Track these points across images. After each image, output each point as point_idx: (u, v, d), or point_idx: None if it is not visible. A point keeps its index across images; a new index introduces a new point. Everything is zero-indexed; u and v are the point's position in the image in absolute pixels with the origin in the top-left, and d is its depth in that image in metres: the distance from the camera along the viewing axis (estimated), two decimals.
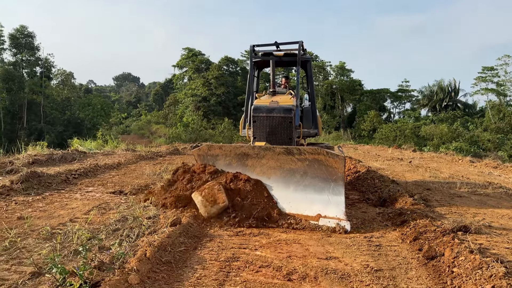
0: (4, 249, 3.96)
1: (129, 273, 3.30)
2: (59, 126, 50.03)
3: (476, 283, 3.23)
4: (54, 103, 52.48)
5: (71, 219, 5.13)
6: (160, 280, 3.45)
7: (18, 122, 48.51)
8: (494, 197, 7.39)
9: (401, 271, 3.79)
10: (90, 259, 3.49)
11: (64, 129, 50.30)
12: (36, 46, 50.58)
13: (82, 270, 3.12)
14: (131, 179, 8.35)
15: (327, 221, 5.12)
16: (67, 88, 57.23)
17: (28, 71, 51.21)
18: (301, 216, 5.28)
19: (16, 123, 48.38)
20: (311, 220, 5.20)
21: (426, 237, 4.49)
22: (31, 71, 51.05)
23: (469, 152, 29.08)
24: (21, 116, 48.43)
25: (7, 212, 5.39)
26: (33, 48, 50.50)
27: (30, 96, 48.24)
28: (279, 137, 6.48)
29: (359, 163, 11.98)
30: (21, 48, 50.01)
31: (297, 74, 7.36)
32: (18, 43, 49.10)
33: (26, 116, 48.10)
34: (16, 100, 47.06)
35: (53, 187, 7.17)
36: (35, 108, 48.89)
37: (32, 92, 48.32)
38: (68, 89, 57.28)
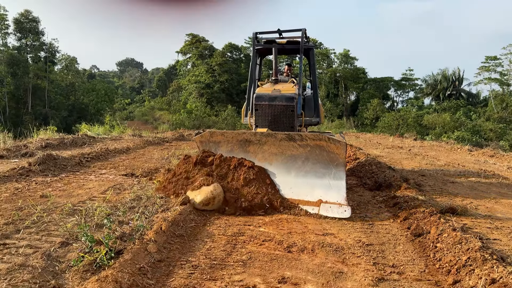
0: (33, 222, 4.40)
1: (147, 243, 3.73)
2: (63, 111, 50.22)
3: (455, 255, 3.65)
4: (58, 88, 52.61)
5: (90, 197, 5.59)
6: (174, 250, 3.88)
7: (23, 106, 48.66)
8: (485, 183, 7.79)
9: (389, 245, 4.22)
10: (113, 231, 3.92)
11: (68, 114, 50.53)
12: (41, 30, 50.60)
13: (107, 239, 3.55)
14: (141, 163, 8.80)
15: (328, 206, 5.19)
16: (72, 73, 57.34)
17: (33, 55, 51.28)
18: (302, 202, 5.36)
19: (21, 107, 48.53)
20: (313, 205, 5.27)
21: (415, 217, 4.91)
22: (36, 56, 51.13)
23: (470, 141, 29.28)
24: (25, 100, 48.56)
25: (30, 191, 5.84)
26: (38, 33, 50.49)
27: (35, 81, 48.41)
28: (281, 125, 6.51)
29: (359, 151, 12.38)
30: (25, 33, 49.99)
31: (299, 62, 7.38)
32: (22, 28, 49.07)
33: (31, 101, 48.26)
34: (20, 85, 47.18)
35: (68, 169, 7.62)
36: (40, 93, 49.04)
37: (37, 77, 48.47)
38: (72, 75, 57.41)
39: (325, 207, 5.19)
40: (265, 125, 6.51)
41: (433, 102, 56.81)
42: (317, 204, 5.27)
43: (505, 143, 34.59)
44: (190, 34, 59.81)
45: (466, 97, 55.32)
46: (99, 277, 2.96)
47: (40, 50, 51.57)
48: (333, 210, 5.14)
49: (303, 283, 3.28)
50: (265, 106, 6.51)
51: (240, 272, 3.46)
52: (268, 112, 6.52)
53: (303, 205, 5.33)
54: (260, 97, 6.56)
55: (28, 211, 4.77)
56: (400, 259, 3.86)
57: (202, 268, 3.51)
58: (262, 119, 6.55)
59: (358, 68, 56.63)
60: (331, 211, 5.13)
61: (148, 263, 3.44)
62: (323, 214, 5.13)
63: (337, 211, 5.11)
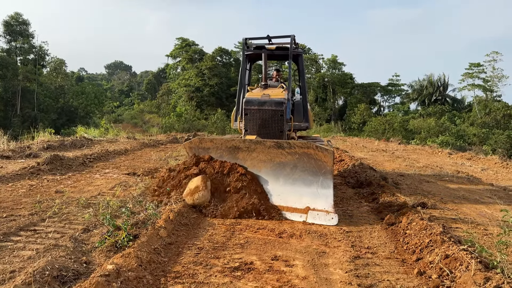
0: (54, 213, 4.98)
1: (159, 229, 4.34)
2: (52, 113, 49.97)
3: (419, 239, 4.33)
4: (47, 90, 52.41)
5: (99, 193, 6.18)
6: (181, 235, 4.50)
7: (11, 109, 48.43)
8: (457, 182, 8.55)
9: (366, 232, 4.90)
10: (128, 219, 4.52)
11: (57, 116, 50.29)
12: (31, 33, 50.55)
13: (125, 225, 4.15)
14: (141, 163, 9.39)
15: (315, 213, 5.25)
16: (61, 76, 57.22)
17: (22, 58, 51.14)
18: (290, 209, 5.42)
19: (9, 110, 48.27)
20: (300, 212, 5.34)
21: (390, 209, 5.61)
22: (25, 58, 50.99)
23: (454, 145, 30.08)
24: (14, 103, 48.33)
25: (43, 187, 6.41)
26: (28, 36, 50.41)
27: (24, 84, 48.22)
28: (270, 130, 6.53)
29: (345, 153, 13.09)
30: (15, 35, 49.83)
31: (289, 68, 7.43)
32: (12, 30, 48.96)
33: (20, 104, 48.07)
34: (9, 87, 46.90)
35: (74, 169, 8.18)
36: (29, 96, 48.82)
37: (26, 79, 48.31)
38: (61, 77, 57.30)
39: (312, 214, 5.27)
40: (255, 130, 6.57)
41: (419, 107, 57.81)
42: (305, 211, 5.34)
43: (488, 147, 35.68)
44: (180, 38, 60.30)
45: (451, 102, 56.31)
46: (123, 254, 3.57)
47: (30, 53, 51.47)
48: (320, 217, 5.22)
49: (292, 260, 3.92)
50: (255, 110, 6.53)
51: (239, 252, 4.09)
52: (257, 116, 6.54)
53: (291, 212, 5.41)
54: (250, 101, 6.59)
55: (47, 204, 5.35)
56: (374, 242, 4.54)
57: (206, 249, 4.13)
58: (251, 123, 6.58)
59: (346, 73, 57.56)
60: (318, 219, 5.21)
61: (160, 245, 4.06)
62: (310, 221, 5.22)
63: (324, 218, 5.20)
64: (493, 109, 47.28)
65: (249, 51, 7.80)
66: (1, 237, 4.04)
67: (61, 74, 56.93)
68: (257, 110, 6.53)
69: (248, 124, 6.60)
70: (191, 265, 3.71)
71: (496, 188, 8.19)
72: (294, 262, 3.86)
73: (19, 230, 4.30)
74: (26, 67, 48.96)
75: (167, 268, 3.64)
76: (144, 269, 3.45)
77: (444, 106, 53.49)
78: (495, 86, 54.47)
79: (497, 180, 9.44)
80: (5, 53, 48.88)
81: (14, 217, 4.74)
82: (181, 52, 59.78)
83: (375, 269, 3.79)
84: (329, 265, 3.84)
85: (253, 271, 3.63)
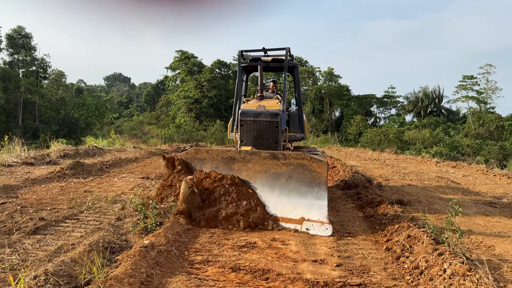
0: (89, 207, 5.95)
1: (178, 218, 5.31)
2: (53, 125, 50.53)
3: (392, 225, 5.32)
4: (49, 102, 53.18)
5: (122, 192, 7.16)
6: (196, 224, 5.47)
7: (13, 120, 49.18)
8: (435, 185, 9.54)
9: (349, 222, 5.89)
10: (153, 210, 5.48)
11: (58, 128, 50.87)
12: (33, 46, 51.48)
13: (152, 214, 5.12)
14: (152, 169, 10.37)
15: (310, 224, 5.29)
16: (62, 88, 58.08)
17: (24, 70, 51.97)
18: (285, 219, 5.45)
19: (11, 121, 48.98)
20: (295, 223, 5.39)
21: (371, 205, 6.60)
22: (27, 70, 51.80)
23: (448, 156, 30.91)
24: (16, 114, 49.07)
25: (73, 188, 7.38)
26: (30, 49, 51.30)
27: (26, 95, 48.96)
28: (265, 141, 6.61)
29: (337, 161, 14.09)
30: (17, 48, 50.68)
31: (284, 80, 7.45)
32: (15, 43, 49.83)
33: (21, 115, 48.80)
34: (11, 99, 47.63)
35: (94, 173, 9.15)
36: (30, 107, 49.52)
37: (28, 91, 49.05)
38: (62, 89, 58.16)
39: (307, 225, 5.31)
40: (250, 141, 6.65)
41: (415, 118, 58.87)
42: (300, 221, 5.37)
43: (481, 158, 36.66)
44: (180, 51, 61.37)
45: (446, 114, 56.98)
46: (154, 234, 4.55)
47: (32, 65, 52.33)
48: (315, 228, 5.26)
49: (287, 240, 4.91)
50: (250, 121, 6.62)
51: (244, 236, 5.06)
52: (253, 127, 6.62)
53: (286, 222, 5.43)
54: (245, 113, 6.66)
55: (80, 201, 6.33)
56: (355, 229, 5.53)
57: (218, 234, 5.10)
58: (247, 134, 6.66)
59: (342, 85, 58.59)
60: (313, 229, 5.25)
61: (181, 229, 5.03)
62: (305, 232, 5.26)
63: (319, 228, 5.23)
64: (486, 121, 48.32)
65: (245, 63, 7.91)
66: (53, 223, 5.03)
67: (62, 86, 57.83)
68: (253, 121, 6.62)
69: (244, 135, 6.69)
70: (207, 244, 4.68)
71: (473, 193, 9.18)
72: (288, 242, 4.84)
73: (65, 219, 5.28)
74: (28, 79, 49.72)
75: (188, 245, 4.61)
76: (171, 245, 4.41)
77: (439, 117, 54.49)
78: (489, 98, 55.60)
79: (474, 184, 10.43)
80: (8, 66, 49.76)
81: (57, 210, 5.71)
82: (181, 64, 60.76)
83: (353, 247, 4.78)
84: (316, 244, 4.82)
85: (256, 248, 4.60)
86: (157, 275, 3.68)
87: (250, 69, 8.67)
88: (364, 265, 4.21)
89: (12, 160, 10.21)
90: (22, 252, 4.04)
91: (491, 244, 5.03)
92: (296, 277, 3.80)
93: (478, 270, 3.47)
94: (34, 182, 7.56)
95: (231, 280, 3.72)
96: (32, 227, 4.76)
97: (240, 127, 6.70)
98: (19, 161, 10.22)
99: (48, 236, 4.57)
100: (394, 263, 4.27)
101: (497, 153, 37.63)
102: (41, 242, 4.38)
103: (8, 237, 4.46)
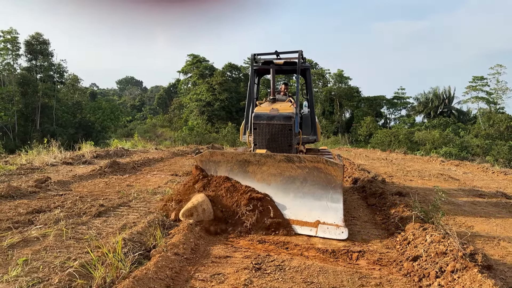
0: (134, 197, 7.09)
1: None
2: (70, 128, 51.79)
3: (389, 211, 6.35)
4: (65, 106, 54.58)
5: (158, 186, 8.30)
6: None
7: (31, 124, 50.57)
8: (434, 180, 10.52)
9: (354, 210, 6.96)
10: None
11: (75, 131, 52.08)
12: (50, 52, 53.00)
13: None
14: (178, 167, 11.51)
15: (325, 227, 5.25)
16: (78, 92, 59.55)
17: (42, 75, 53.44)
18: (300, 223, 5.42)
19: (29, 125, 50.38)
20: (311, 226, 5.35)
21: (373, 196, 7.64)
22: (45, 75, 53.26)
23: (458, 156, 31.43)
24: (33, 118, 50.42)
25: (116, 183, 8.53)
26: (48, 55, 52.77)
27: (43, 100, 50.31)
28: (279, 144, 6.67)
29: (347, 160, 15.11)
30: (35, 54, 52.16)
31: (296, 82, 7.46)
32: (33, 49, 51.35)
33: (39, 119, 50.18)
34: (30, 104, 49.01)
35: (128, 171, 10.30)
36: (48, 111, 50.80)
37: (45, 96, 50.39)
38: (78, 93, 59.65)
39: (322, 228, 5.27)
40: (264, 144, 6.71)
41: (425, 119, 59.25)
42: (315, 225, 5.34)
43: (491, 158, 37.14)
44: (191, 55, 62.52)
45: (457, 114, 57.19)
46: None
47: (49, 71, 53.86)
48: (330, 231, 5.21)
49: None
50: (264, 125, 6.66)
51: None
52: (266, 131, 6.67)
53: (301, 225, 5.41)
54: (259, 116, 6.70)
55: (126, 192, 7.47)
56: (359, 214, 6.58)
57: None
58: (260, 137, 6.72)
59: (352, 87, 59.21)
60: (329, 233, 5.21)
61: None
62: (320, 236, 5.22)
63: (335, 232, 5.19)
64: (496, 121, 48.58)
65: (258, 65, 7.97)
66: (111, 209, 6.18)
67: (78, 90, 59.34)
68: (266, 124, 6.66)
69: (257, 138, 6.75)
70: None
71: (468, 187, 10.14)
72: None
73: (118, 206, 6.41)
74: (45, 84, 51.12)
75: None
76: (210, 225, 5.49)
77: (450, 118, 54.79)
78: (499, 99, 55.84)
79: (472, 180, 11.37)
80: (26, 71, 51.33)
81: (109, 199, 6.85)
82: (192, 68, 61.82)
83: (356, 227, 5.83)
84: None
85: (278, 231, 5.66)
86: (202, 244, 4.78)
87: (262, 72, 8.77)
88: (365, 239, 5.26)
89: (52, 160, 11.40)
90: (95, 229, 5.16)
91: (471, 224, 6.06)
92: (310, 247, 4.86)
93: (450, 238, 4.50)
94: (81, 178, 8.72)
95: (259, 248, 4.79)
96: (95, 211, 5.89)
97: (254, 130, 6.76)
98: (58, 161, 11.40)
99: (111, 218, 5.70)
100: (388, 238, 5.32)
101: (506, 153, 37.94)
102: (107, 222, 5.51)
103: (79, 219, 5.59)
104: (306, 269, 4.09)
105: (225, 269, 4.05)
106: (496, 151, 39.13)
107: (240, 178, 5.94)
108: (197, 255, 4.43)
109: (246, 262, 4.25)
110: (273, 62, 7.70)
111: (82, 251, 4.27)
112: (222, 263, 4.23)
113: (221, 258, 4.38)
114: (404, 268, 4.21)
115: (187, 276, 3.85)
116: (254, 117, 6.74)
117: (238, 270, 4.02)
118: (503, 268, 4.35)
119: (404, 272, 4.14)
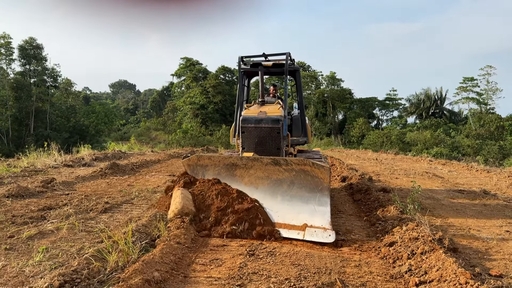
0: (136, 196, 7.58)
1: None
2: (64, 132, 51.59)
3: (373, 205, 6.89)
4: (59, 110, 54.49)
5: (157, 186, 8.78)
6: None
7: (25, 128, 50.43)
8: (419, 178, 11.10)
9: (341, 205, 7.52)
10: None
11: (69, 135, 51.95)
12: (44, 56, 53.00)
13: None
14: (175, 168, 12.00)
15: (313, 230, 5.22)
16: (72, 96, 59.55)
17: (36, 80, 53.42)
18: (288, 226, 5.39)
19: (23, 129, 50.24)
20: (298, 229, 5.32)
21: (359, 192, 8.19)
22: (39, 80, 53.22)
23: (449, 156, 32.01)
24: (27, 123, 50.33)
25: (117, 183, 9.02)
26: (41, 59, 52.75)
27: (37, 104, 50.28)
28: (267, 147, 6.59)
29: (337, 160, 15.67)
30: (29, 59, 52.10)
31: (285, 84, 7.43)
32: (26, 54, 51.30)
33: (33, 123, 50.15)
34: (23, 108, 48.89)
35: (128, 172, 10.78)
36: (42, 116, 50.60)
37: (39, 100, 50.36)
38: (72, 98, 59.65)
39: (310, 232, 5.24)
40: (252, 147, 6.64)
41: (417, 120, 59.89)
42: (302, 228, 5.32)
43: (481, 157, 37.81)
44: (185, 58, 62.86)
45: (448, 115, 57.99)
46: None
47: (43, 75, 53.82)
48: (317, 234, 5.18)
49: None
50: (251, 128, 6.60)
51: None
52: (254, 134, 6.61)
53: (288, 229, 5.38)
54: (246, 119, 6.65)
55: (127, 192, 7.96)
56: (345, 208, 7.13)
57: None
58: (248, 141, 6.66)
59: (345, 89, 59.77)
60: (316, 236, 5.18)
61: None
62: (308, 239, 5.20)
63: (322, 235, 5.16)
64: (486, 121, 49.36)
65: (245, 68, 7.93)
66: (116, 206, 6.69)
67: (71, 94, 59.33)
68: (254, 127, 6.60)
69: (245, 142, 6.70)
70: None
71: (450, 184, 10.72)
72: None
73: (122, 203, 6.91)
74: (39, 89, 51.05)
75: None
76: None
77: (441, 119, 55.50)
78: (489, 99, 56.65)
79: (456, 178, 11.96)
80: (20, 76, 51.32)
81: (113, 197, 7.35)
82: (186, 71, 62.13)
83: (341, 220, 6.37)
84: None
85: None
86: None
87: (251, 75, 8.78)
88: (348, 229, 5.81)
89: (53, 163, 11.85)
90: (103, 223, 5.66)
91: (446, 216, 6.62)
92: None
93: (422, 225, 5.05)
94: (84, 179, 9.20)
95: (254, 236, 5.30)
96: (101, 208, 6.39)
97: (242, 133, 6.70)
98: (59, 163, 11.85)
99: (116, 214, 6.21)
100: (370, 228, 5.87)
101: (496, 153, 38.56)
102: (113, 217, 6.01)
103: (88, 214, 6.08)
104: (294, 254, 4.60)
105: (222, 255, 4.56)
106: (487, 150, 39.74)
107: (228, 181, 5.94)
108: (197, 244, 4.94)
109: (241, 250, 4.76)
110: (261, 64, 7.68)
111: (94, 241, 4.77)
112: (220, 251, 4.74)
113: (218, 246, 4.89)
114: (381, 252, 4.75)
115: (188, 261, 4.36)
116: (242, 121, 6.70)
117: (234, 256, 4.53)
118: (469, 251, 4.90)
119: (381, 255, 4.68)
